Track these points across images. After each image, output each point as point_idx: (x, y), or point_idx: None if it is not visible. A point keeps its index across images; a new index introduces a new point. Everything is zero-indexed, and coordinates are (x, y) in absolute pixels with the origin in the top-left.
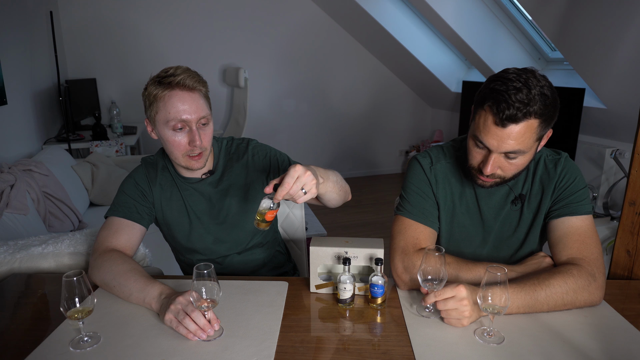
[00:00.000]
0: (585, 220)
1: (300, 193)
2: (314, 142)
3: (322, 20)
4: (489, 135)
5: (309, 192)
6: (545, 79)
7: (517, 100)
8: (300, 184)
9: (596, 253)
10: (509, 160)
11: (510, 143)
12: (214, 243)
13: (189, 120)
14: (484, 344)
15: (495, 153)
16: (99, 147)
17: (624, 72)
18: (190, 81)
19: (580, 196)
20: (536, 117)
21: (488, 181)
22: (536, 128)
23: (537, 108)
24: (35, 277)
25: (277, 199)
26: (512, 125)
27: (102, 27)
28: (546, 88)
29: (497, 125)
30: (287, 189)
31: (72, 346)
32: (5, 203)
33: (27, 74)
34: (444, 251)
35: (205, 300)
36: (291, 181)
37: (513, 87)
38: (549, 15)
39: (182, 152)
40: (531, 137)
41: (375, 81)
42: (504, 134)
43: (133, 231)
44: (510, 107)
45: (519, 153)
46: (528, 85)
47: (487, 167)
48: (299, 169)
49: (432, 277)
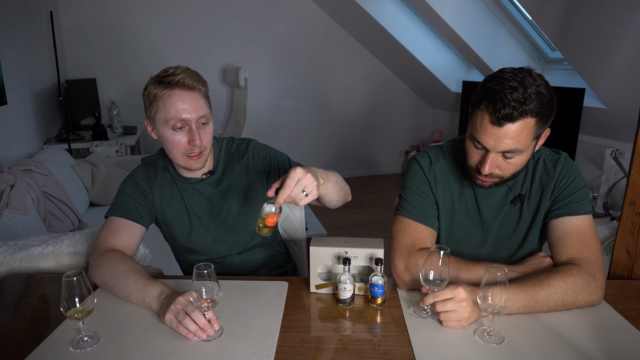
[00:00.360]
0: (585, 220)
1: (301, 195)
2: (314, 142)
3: (322, 20)
4: (486, 135)
5: (310, 194)
6: (541, 77)
7: (513, 99)
8: (301, 186)
9: (596, 253)
10: (506, 160)
11: (508, 142)
12: (214, 243)
13: (188, 120)
14: (484, 344)
15: (492, 152)
16: (99, 147)
17: (624, 72)
18: (190, 80)
19: (580, 196)
20: (532, 116)
21: (487, 181)
22: (533, 127)
23: (533, 107)
24: (35, 277)
25: (278, 202)
26: (508, 124)
27: (102, 27)
28: (542, 87)
29: (493, 124)
30: (288, 192)
31: (72, 346)
32: (5, 203)
33: (27, 74)
34: (448, 251)
35: (205, 300)
36: (292, 184)
37: (509, 86)
38: (549, 15)
39: (182, 151)
40: (528, 136)
41: (375, 81)
42: (500, 133)
43: (133, 231)
44: (506, 106)
45: (516, 152)
46: (524, 84)
47: (485, 167)
48: (299, 171)
49: (435, 277)
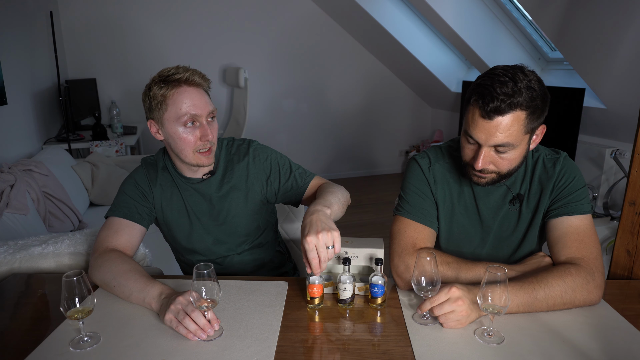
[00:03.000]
0: (584, 220)
1: (330, 252)
2: (313, 142)
3: (323, 21)
4: (477, 129)
5: (336, 244)
6: (533, 74)
7: (502, 92)
8: (322, 248)
9: (595, 252)
10: (500, 155)
11: (499, 136)
12: (213, 244)
13: (199, 115)
14: (484, 344)
15: (485, 147)
16: (99, 147)
17: (624, 72)
18: (197, 77)
19: (579, 195)
20: (522, 109)
21: (483, 177)
22: (524, 120)
23: (522, 100)
24: (35, 277)
25: (316, 272)
26: (498, 117)
27: (102, 27)
28: (534, 82)
29: (483, 118)
30: (316, 263)
31: (72, 346)
32: (5, 203)
33: (27, 74)
34: (435, 255)
35: (205, 300)
36: (314, 254)
37: (499, 81)
38: (549, 15)
39: (193, 148)
40: (519, 130)
41: (376, 81)
42: (491, 127)
43: (133, 231)
44: (495, 100)
45: (508, 146)
46: (514, 79)
47: (478, 162)
48: (310, 239)
49: (426, 281)
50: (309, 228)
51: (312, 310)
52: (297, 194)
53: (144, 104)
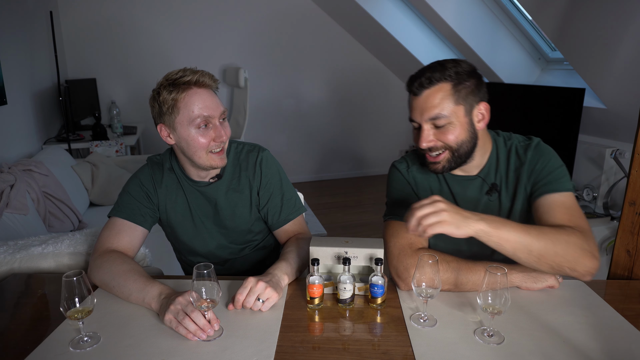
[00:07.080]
0: (569, 197)
1: (258, 304)
2: (313, 142)
3: (323, 21)
4: (413, 110)
5: (267, 303)
6: (467, 64)
7: (427, 71)
8: (254, 295)
9: (586, 226)
10: (440, 130)
11: (429, 108)
12: (216, 248)
13: (212, 117)
14: (484, 344)
15: (423, 124)
16: (99, 147)
17: (624, 72)
18: (206, 79)
19: (558, 174)
20: (446, 81)
21: (437, 161)
22: (450, 91)
23: (446, 74)
24: (35, 277)
25: (233, 307)
26: (424, 91)
27: (102, 27)
28: (463, 64)
29: (414, 95)
30: (240, 299)
31: (72, 346)
32: (5, 203)
33: (27, 74)
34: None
35: (205, 300)
36: (246, 291)
37: (428, 67)
38: (549, 15)
39: (206, 149)
40: (448, 100)
41: (376, 81)
42: (420, 101)
43: (135, 233)
44: (419, 77)
45: (442, 118)
46: (442, 64)
47: (421, 140)
48: (254, 281)
49: (428, 285)
50: (264, 276)
51: (312, 310)
52: (273, 224)
53: (153, 109)
